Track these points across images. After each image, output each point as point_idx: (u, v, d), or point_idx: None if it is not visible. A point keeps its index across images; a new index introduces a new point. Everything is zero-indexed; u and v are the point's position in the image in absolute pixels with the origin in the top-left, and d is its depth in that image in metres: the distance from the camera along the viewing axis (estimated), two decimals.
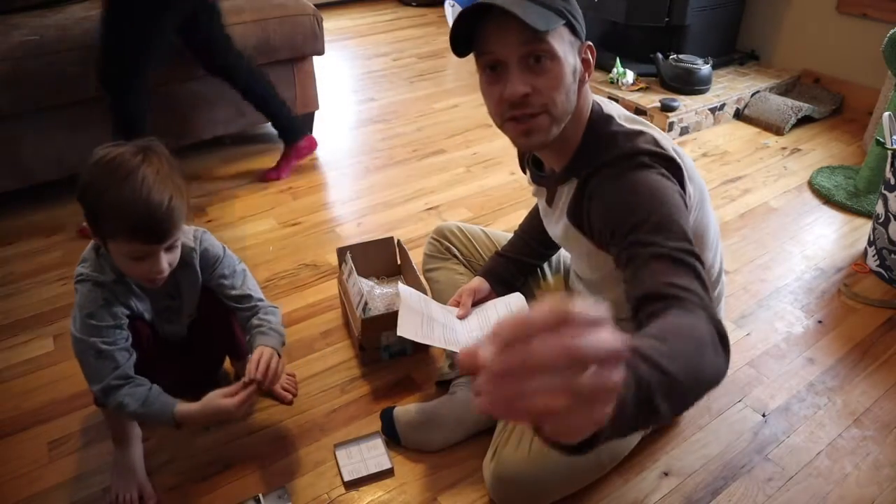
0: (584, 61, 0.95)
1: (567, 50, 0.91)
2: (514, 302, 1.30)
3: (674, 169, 0.93)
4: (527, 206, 2.10)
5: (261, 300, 1.25)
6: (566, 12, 0.90)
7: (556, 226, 1.11)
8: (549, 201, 1.11)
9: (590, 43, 0.96)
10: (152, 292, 1.17)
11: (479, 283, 1.35)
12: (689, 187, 0.96)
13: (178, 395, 1.34)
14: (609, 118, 0.99)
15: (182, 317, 1.24)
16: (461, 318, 1.29)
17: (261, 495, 1.18)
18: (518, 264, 1.37)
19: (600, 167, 0.95)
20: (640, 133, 0.96)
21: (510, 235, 1.44)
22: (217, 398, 1.09)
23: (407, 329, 1.19)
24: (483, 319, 1.28)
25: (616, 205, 0.91)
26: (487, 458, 1.16)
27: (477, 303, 1.34)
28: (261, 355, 1.14)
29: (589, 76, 0.96)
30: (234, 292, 1.23)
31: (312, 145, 2.32)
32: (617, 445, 1.15)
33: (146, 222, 0.98)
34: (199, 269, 1.20)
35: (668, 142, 0.98)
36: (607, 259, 0.95)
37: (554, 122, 0.93)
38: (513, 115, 0.92)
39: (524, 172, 1.21)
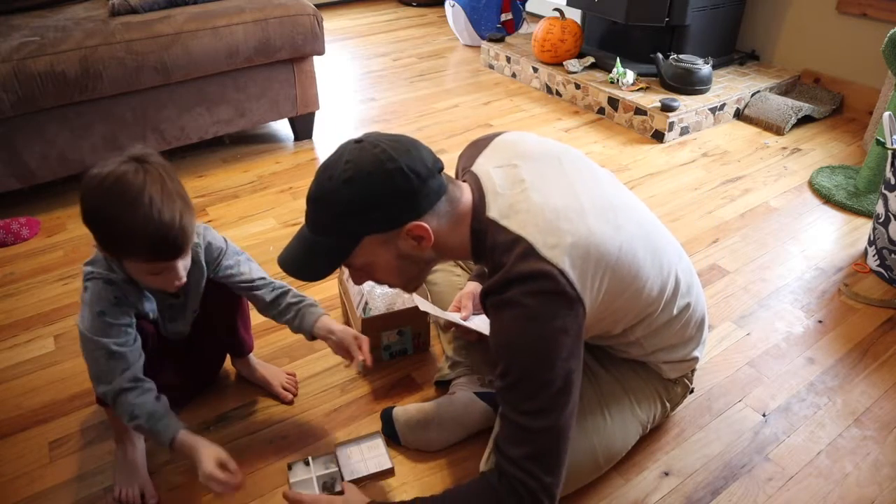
0: (416, 237, 0.95)
1: (378, 251, 0.97)
2: None
3: (551, 288, 0.90)
4: None
5: (272, 280, 1.28)
6: (360, 229, 0.94)
7: None
8: None
9: (414, 224, 0.93)
10: (159, 291, 1.16)
11: (475, 287, 1.35)
12: (578, 273, 0.92)
13: (180, 395, 1.35)
14: (488, 224, 0.98)
15: (186, 314, 1.24)
16: (465, 319, 1.30)
17: (310, 458, 1.24)
18: None
19: (485, 293, 0.96)
20: (517, 241, 0.93)
21: None
22: (212, 462, 1.05)
23: (426, 307, 1.27)
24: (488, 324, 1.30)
25: (495, 345, 0.96)
26: (484, 458, 1.15)
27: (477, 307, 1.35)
28: (355, 334, 1.21)
29: (429, 242, 0.96)
30: (244, 277, 1.24)
31: None
32: (612, 445, 1.15)
33: (162, 242, 0.99)
34: (204, 263, 1.20)
35: (564, 219, 0.94)
36: None
37: (407, 287, 1.07)
38: None
39: None
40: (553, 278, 0.90)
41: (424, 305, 1.29)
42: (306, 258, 0.98)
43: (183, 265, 1.06)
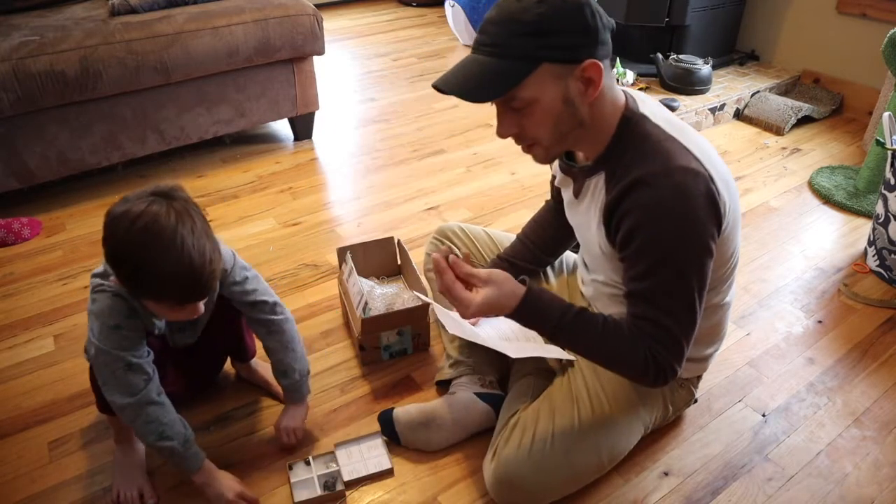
0: (587, 80, 0.92)
1: (549, 86, 0.92)
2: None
3: (705, 190, 0.92)
4: (526, 206, 2.10)
5: (275, 303, 1.24)
6: (541, 52, 0.90)
7: (581, 216, 1.11)
8: (577, 193, 1.11)
9: (591, 61, 0.91)
10: None
11: None
12: (724, 196, 0.96)
13: (181, 398, 1.34)
14: (642, 117, 0.99)
15: (196, 326, 1.23)
16: (474, 325, 1.30)
17: (311, 457, 1.23)
18: (519, 270, 1.37)
19: (637, 181, 0.94)
20: (673, 140, 0.95)
21: (512, 236, 1.44)
22: (233, 493, 1.14)
23: (443, 315, 1.26)
24: (498, 331, 1.29)
25: (644, 240, 0.95)
26: (487, 458, 1.16)
27: None
28: (294, 427, 1.26)
29: (597, 89, 0.93)
30: (247, 298, 1.21)
31: None
32: (616, 445, 1.15)
33: (194, 285, 0.97)
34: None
35: (701, 148, 0.97)
36: (613, 256, 1.03)
37: (549, 149, 1.00)
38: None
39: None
40: (707, 182, 0.93)
41: (442, 314, 1.26)
42: (477, 78, 0.92)
43: (205, 301, 1.06)
